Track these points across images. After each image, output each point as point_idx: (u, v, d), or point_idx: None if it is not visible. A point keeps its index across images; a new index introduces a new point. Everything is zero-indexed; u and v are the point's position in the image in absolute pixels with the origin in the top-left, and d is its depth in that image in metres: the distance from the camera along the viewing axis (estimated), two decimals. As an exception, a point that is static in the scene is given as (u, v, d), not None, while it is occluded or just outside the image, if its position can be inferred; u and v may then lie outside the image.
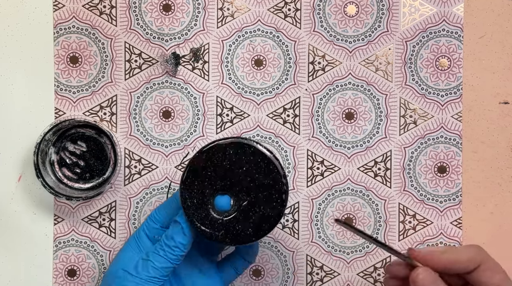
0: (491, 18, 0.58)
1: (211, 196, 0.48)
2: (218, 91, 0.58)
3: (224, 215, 0.48)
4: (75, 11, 0.58)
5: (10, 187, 0.58)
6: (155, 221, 0.52)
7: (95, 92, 0.58)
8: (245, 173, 0.48)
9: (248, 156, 0.48)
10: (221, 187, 0.48)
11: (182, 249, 0.49)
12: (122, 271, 0.50)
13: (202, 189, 0.48)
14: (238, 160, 0.48)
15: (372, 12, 0.58)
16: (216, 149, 0.48)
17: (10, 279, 0.58)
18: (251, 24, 0.58)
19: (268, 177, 0.48)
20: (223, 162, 0.48)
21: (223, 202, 0.48)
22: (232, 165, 0.48)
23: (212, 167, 0.48)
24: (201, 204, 0.48)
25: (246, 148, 0.48)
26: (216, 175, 0.48)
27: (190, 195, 0.48)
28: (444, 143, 0.58)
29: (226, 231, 0.48)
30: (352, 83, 0.58)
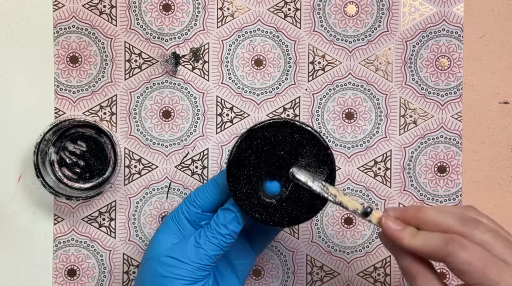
0: (491, 18, 0.58)
1: (259, 182, 0.47)
2: (218, 91, 0.58)
3: (276, 198, 0.47)
4: (75, 11, 0.58)
5: (10, 187, 0.58)
6: (196, 206, 0.51)
7: (95, 92, 0.58)
8: (288, 152, 0.47)
9: (287, 135, 0.47)
10: (267, 171, 0.47)
11: (234, 236, 0.48)
12: (169, 258, 0.49)
13: (249, 177, 0.47)
14: (278, 141, 0.47)
15: (372, 12, 0.58)
16: (253, 134, 0.47)
17: (10, 279, 0.58)
18: (251, 24, 0.58)
19: (311, 151, 0.47)
20: (263, 146, 0.47)
21: (272, 186, 0.48)
22: (273, 147, 0.47)
23: (254, 153, 0.47)
24: (251, 192, 0.47)
25: (282, 127, 0.47)
26: (260, 160, 0.47)
27: (238, 186, 0.47)
28: (444, 142, 0.58)
29: (281, 214, 0.47)
30: (352, 83, 0.58)
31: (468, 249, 0.39)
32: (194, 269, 0.48)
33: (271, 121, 0.47)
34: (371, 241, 0.58)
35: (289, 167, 0.47)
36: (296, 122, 0.47)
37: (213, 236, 0.48)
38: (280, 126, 0.47)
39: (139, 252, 0.58)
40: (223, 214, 0.49)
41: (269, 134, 0.47)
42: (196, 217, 0.51)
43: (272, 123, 0.47)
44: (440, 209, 0.42)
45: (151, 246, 0.51)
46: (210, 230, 0.49)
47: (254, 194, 0.47)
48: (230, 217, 0.48)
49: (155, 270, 0.49)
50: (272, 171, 0.47)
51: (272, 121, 0.47)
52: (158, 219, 0.58)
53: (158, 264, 0.49)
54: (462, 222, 0.41)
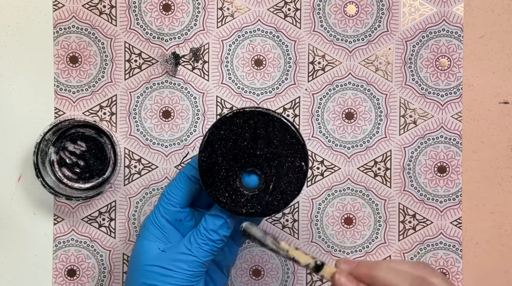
0: (491, 18, 0.58)
1: (237, 180, 0.47)
2: (218, 91, 0.58)
3: (258, 188, 0.47)
4: (75, 11, 0.58)
5: (10, 187, 0.58)
6: (174, 204, 0.50)
7: (95, 92, 0.58)
8: (264, 144, 0.46)
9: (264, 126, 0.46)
10: (241, 165, 0.46)
11: (225, 240, 0.48)
12: (159, 268, 0.48)
13: (226, 179, 0.47)
14: (239, 133, 0.46)
15: (372, 12, 0.58)
16: (211, 137, 0.46)
17: (10, 279, 0.58)
18: (251, 24, 0.58)
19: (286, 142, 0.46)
20: (227, 143, 0.46)
21: (250, 180, 0.47)
22: (239, 140, 0.46)
23: (221, 155, 0.46)
24: (233, 192, 0.47)
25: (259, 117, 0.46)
26: (231, 158, 0.46)
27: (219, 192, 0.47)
28: (444, 142, 0.58)
29: (255, 205, 0.47)
30: (352, 83, 0.58)
31: None
32: (188, 276, 0.47)
33: (226, 116, 0.46)
34: (371, 241, 0.58)
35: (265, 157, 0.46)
36: (246, 109, 0.46)
37: (204, 243, 0.47)
38: (232, 119, 0.46)
39: (139, 252, 0.58)
40: (212, 220, 0.48)
41: (226, 131, 0.46)
42: (175, 216, 0.50)
43: (223, 119, 0.46)
44: (394, 268, 0.42)
45: (137, 254, 0.49)
46: (201, 236, 0.48)
47: (237, 193, 0.47)
48: (219, 223, 0.48)
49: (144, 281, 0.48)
50: (245, 163, 0.46)
51: (227, 116, 0.46)
52: (158, 219, 0.58)
53: (147, 275, 0.48)
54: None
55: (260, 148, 0.46)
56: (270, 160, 0.47)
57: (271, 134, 0.46)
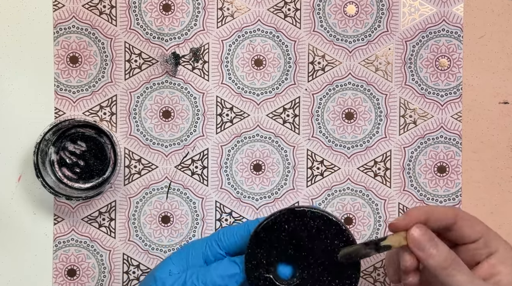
0: (491, 18, 0.58)
1: (277, 259, 0.46)
2: (218, 91, 0.58)
3: (284, 282, 0.46)
4: (75, 11, 0.58)
5: (10, 187, 0.58)
6: (221, 247, 0.49)
7: (95, 92, 0.58)
8: (321, 251, 0.46)
9: (330, 235, 0.46)
10: (290, 255, 0.46)
11: None
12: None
13: (271, 248, 0.46)
14: (319, 234, 0.46)
15: (372, 12, 0.58)
16: (303, 215, 0.46)
17: (10, 279, 0.58)
18: (251, 24, 0.58)
19: (343, 266, 0.46)
20: (303, 231, 0.46)
21: (286, 269, 0.46)
22: (311, 238, 0.46)
23: (290, 231, 0.46)
24: (265, 263, 0.46)
25: (331, 226, 0.46)
26: (291, 241, 0.46)
27: (258, 248, 0.46)
28: (444, 142, 0.58)
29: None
30: (352, 83, 0.58)
31: None
32: None
33: (324, 214, 0.46)
34: (371, 241, 0.58)
35: (313, 262, 0.46)
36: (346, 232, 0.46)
37: (203, 282, 0.46)
38: (331, 224, 0.46)
39: (139, 252, 0.58)
40: (228, 264, 0.47)
41: (315, 223, 0.46)
42: (216, 257, 0.49)
43: (324, 216, 0.46)
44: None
45: (158, 266, 0.50)
46: (205, 274, 0.47)
47: (266, 266, 0.46)
48: (232, 272, 0.47)
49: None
50: (296, 257, 0.46)
51: (326, 215, 0.46)
52: (158, 219, 0.58)
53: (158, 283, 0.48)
54: None
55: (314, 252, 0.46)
56: (312, 264, 0.46)
57: (330, 245, 0.46)
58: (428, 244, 0.43)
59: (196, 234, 0.58)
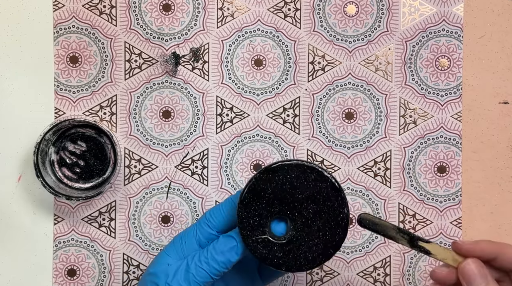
0: (491, 18, 0.58)
1: (268, 218, 0.46)
2: (218, 91, 0.58)
3: (280, 238, 0.46)
4: (75, 11, 0.58)
5: (10, 187, 0.58)
6: (211, 226, 0.49)
7: (95, 92, 0.58)
8: (306, 198, 0.46)
9: (310, 181, 0.46)
10: (279, 210, 0.46)
11: (228, 266, 0.47)
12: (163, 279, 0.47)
13: (260, 210, 0.46)
14: (300, 183, 0.46)
15: (372, 12, 0.58)
16: (278, 170, 0.46)
17: (10, 279, 0.58)
18: (251, 24, 0.58)
19: (329, 205, 0.46)
20: (284, 184, 0.46)
21: (279, 227, 0.46)
22: (293, 189, 0.46)
23: (272, 189, 0.46)
24: (258, 226, 0.46)
25: (309, 172, 0.46)
26: (276, 198, 0.46)
27: (247, 215, 0.46)
28: (443, 142, 0.58)
29: (280, 256, 0.46)
30: (352, 83, 0.58)
31: None
32: None
33: (299, 163, 0.46)
34: (371, 241, 0.58)
35: (302, 211, 0.46)
36: (325, 172, 0.46)
37: (205, 262, 0.46)
38: (307, 170, 0.46)
39: (139, 252, 0.58)
40: (224, 240, 0.47)
41: (294, 175, 0.46)
42: (209, 238, 0.49)
43: (300, 164, 0.46)
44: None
45: (153, 263, 0.49)
46: (205, 254, 0.47)
47: (260, 227, 0.46)
48: (230, 245, 0.47)
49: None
50: (284, 210, 0.46)
51: (301, 163, 0.46)
52: (158, 219, 0.58)
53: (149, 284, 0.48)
54: None
55: (303, 204, 0.46)
56: (306, 220, 0.46)
57: (319, 195, 0.46)
58: (479, 280, 0.43)
59: (196, 234, 0.58)
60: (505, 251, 0.43)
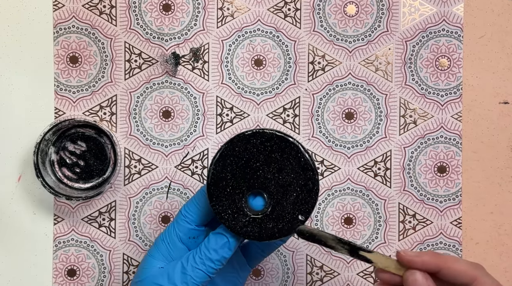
0: (491, 18, 0.58)
1: (242, 199, 0.46)
2: (218, 91, 0.58)
3: (263, 211, 0.46)
4: (75, 11, 0.58)
5: (10, 187, 0.58)
6: (189, 221, 0.49)
7: (95, 92, 0.58)
8: (265, 163, 0.45)
9: (259, 146, 0.45)
10: (248, 186, 0.45)
11: (223, 262, 0.47)
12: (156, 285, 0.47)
13: (231, 196, 0.46)
14: (252, 153, 0.45)
15: (372, 12, 0.58)
16: (225, 152, 0.45)
17: (10, 279, 0.58)
18: (251, 24, 0.58)
19: (299, 173, 0.45)
20: (238, 161, 0.45)
21: (256, 201, 0.46)
22: (249, 161, 0.45)
23: (230, 171, 0.45)
24: (237, 211, 0.46)
25: (251, 139, 0.45)
26: (239, 176, 0.45)
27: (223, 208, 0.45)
28: (444, 142, 0.58)
29: (261, 228, 0.46)
30: (352, 83, 0.58)
31: None
32: None
33: (244, 134, 0.45)
34: (371, 241, 0.58)
35: (275, 181, 0.45)
36: (266, 131, 0.45)
37: (201, 262, 0.46)
38: (249, 138, 0.45)
39: (139, 252, 0.58)
40: (214, 238, 0.47)
41: (241, 148, 0.45)
42: (190, 233, 0.49)
43: (241, 136, 0.45)
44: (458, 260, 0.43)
45: (140, 270, 0.49)
46: (199, 254, 0.47)
47: (240, 212, 0.46)
48: (221, 242, 0.46)
49: None
50: (254, 184, 0.46)
51: (246, 134, 0.45)
52: (158, 219, 0.58)
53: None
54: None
55: (272, 172, 0.45)
56: (280, 186, 0.45)
57: (285, 160, 0.45)
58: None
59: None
60: (448, 265, 0.43)
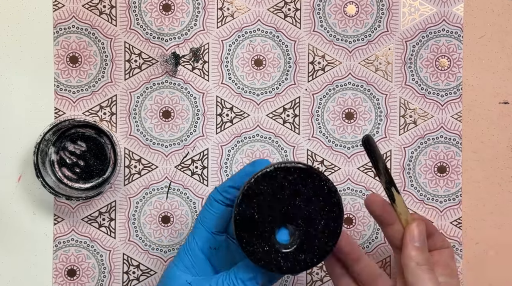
0: (491, 18, 0.58)
1: (272, 232, 0.45)
2: (218, 91, 0.58)
3: (290, 244, 0.45)
4: (75, 11, 0.58)
5: (10, 187, 0.58)
6: (207, 228, 0.49)
7: (95, 92, 0.58)
8: (302, 200, 0.45)
9: (303, 182, 0.45)
10: (280, 219, 0.45)
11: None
12: None
13: (261, 234, 0.45)
14: (291, 186, 0.45)
15: (372, 12, 0.58)
16: (250, 192, 0.45)
17: (10, 279, 0.58)
18: (251, 24, 0.58)
19: (323, 199, 0.45)
20: (263, 201, 0.45)
21: (284, 235, 0.45)
22: (275, 197, 0.45)
23: (258, 210, 0.45)
24: (266, 245, 0.45)
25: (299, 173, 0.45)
26: (265, 214, 0.45)
27: (252, 248, 0.45)
28: (444, 142, 0.58)
29: (294, 261, 0.45)
30: (352, 83, 0.58)
31: None
32: None
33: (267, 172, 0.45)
34: (371, 241, 0.58)
35: (301, 215, 0.45)
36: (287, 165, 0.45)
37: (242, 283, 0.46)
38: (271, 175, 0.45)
39: (139, 252, 0.58)
40: (244, 269, 0.46)
41: (264, 186, 0.45)
42: (209, 243, 0.49)
43: (263, 174, 0.45)
44: None
45: (166, 280, 0.49)
46: (227, 282, 0.46)
47: (272, 249, 0.45)
48: (249, 276, 0.46)
49: None
50: (280, 219, 0.45)
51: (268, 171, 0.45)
52: (158, 219, 0.58)
53: None
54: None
55: (297, 204, 0.45)
56: (306, 217, 0.45)
57: (309, 190, 0.45)
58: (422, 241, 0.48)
59: (196, 234, 0.58)
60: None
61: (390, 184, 0.48)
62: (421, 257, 0.47)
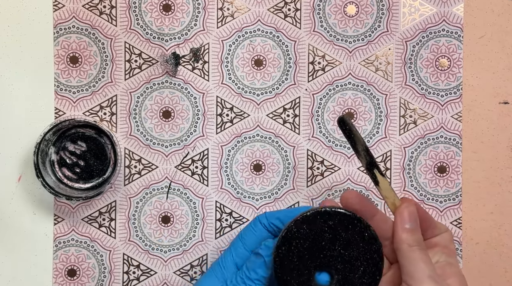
0: (491, 18, 0.58)
1: (311, 275, 0.45)
2: (218, 91, 0.58)
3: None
4: (75, 11, 0.58)
5: (10, 187, 0.58)
6: (247, 247, 0.50)
7: (95, 92, 0.58)
8: (341, 245, 0.45)
9: (343, 227, 0.45)
10: (319, 263, 0.45)
11: (264, 282, 0.47)
12: None
13: (301, 270, 0.45)
14: (331, 231, 0.45)
15: (372, 12, 0.58)
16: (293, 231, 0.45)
17: (10, 279, 0.58)
18: (251, 24, 0.58)
19: (364, 245, 0.45)
20: (320, 235, 0.45)
21: (323, 278, 0.45)
22: (327, 238, 0.45)
23: (300, 250, 0.45)
24: (301, 283, 0.45)
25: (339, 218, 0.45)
26: (307, 255, 0.45)
27: (290, 282, 0.45)
28: (444, 142, 0.58)
29: None
30: (352, 83, 0.58)
31: None
32: None
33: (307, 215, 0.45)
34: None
35: (340, 259, 0.45)
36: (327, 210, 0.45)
37: (242, 282, 0.47)
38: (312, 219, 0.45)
39: (139, 252, 0.58)
40: (254, 258, 0.48)
41: (304, 230, 0.45)
42: (244, 260, 0.49)
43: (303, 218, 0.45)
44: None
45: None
46: (241, 274, 0.48)
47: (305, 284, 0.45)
48: (259, 262, 0.47)
49: None
50: (320, 263, 0.45)
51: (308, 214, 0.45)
52: (158, 219, 0.58)
53: None
54: None
55: (337, 249, 0.45)
56: (346, 262, 0.45)
57: (350, 236, 0.45)
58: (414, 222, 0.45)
59: (196, 234, 0.58)
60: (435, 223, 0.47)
61: (372, 165, 0.45)
62: (412, 238, 0.45)
